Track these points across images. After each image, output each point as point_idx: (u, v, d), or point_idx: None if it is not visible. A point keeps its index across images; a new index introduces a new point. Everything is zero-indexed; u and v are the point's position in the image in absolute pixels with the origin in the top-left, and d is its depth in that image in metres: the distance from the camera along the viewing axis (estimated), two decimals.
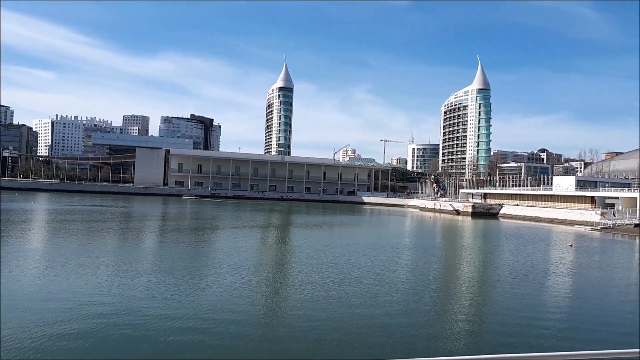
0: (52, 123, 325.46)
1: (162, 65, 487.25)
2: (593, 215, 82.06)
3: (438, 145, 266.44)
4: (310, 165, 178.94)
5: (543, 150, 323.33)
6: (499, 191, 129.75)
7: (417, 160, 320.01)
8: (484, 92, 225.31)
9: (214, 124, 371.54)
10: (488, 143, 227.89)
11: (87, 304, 19.48)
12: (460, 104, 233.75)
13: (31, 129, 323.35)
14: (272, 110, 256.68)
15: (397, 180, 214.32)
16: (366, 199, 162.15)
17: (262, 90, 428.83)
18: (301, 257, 35.80)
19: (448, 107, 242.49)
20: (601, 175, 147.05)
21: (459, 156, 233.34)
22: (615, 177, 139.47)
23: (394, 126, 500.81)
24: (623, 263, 42.04)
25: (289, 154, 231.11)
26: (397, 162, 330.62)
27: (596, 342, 17.28)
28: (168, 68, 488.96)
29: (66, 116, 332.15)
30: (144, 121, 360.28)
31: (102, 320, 17.38)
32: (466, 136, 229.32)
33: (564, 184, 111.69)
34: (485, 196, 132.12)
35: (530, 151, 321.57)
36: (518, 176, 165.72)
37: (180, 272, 27.37)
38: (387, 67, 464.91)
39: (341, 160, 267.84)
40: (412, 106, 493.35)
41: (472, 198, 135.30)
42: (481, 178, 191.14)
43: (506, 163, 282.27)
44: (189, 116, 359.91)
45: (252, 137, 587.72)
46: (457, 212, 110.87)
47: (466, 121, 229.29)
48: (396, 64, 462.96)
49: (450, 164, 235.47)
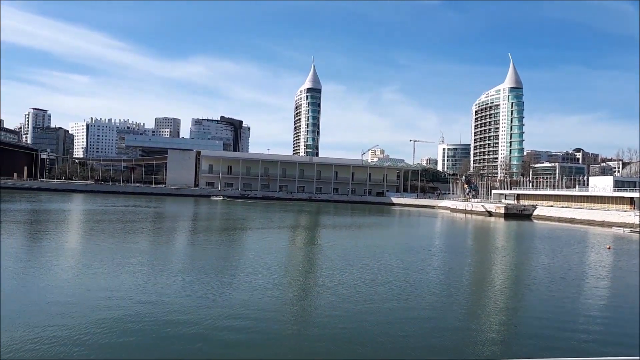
0: (87, 126, 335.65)
1: (193, 69, 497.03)
2: (632, 216, 79.42)
3: (469, 145, 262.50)
4: (338, 166, 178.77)
5: (578, 150, 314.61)
6: (532, 192, 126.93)
7: (447, 161, 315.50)
8: (516, 90, 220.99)
9: (243, 125, 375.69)
10: (521, 143, 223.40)
11: (124, 301, 19.97)
12: (491, 103, 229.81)
13: (67, 131, 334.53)
14: (300, 112, 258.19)
15: (427, 181, 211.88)
16: (395, 199, 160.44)
17: (290, 92, 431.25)
18: (331, 257, 35.78)
19: (479, 107, 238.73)
20: None
21: (490, 156, 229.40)
22: None
23: (423, 126, 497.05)
24: None
25: (317, 154, 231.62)
26: (427, 163, 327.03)
27: (635, 348, 16.68)
28: (199, 71, 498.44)
29: (100, 119, 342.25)
30: (175, 123, 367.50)
31: (139, 318, 17.79)
32: (498, 136, 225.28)
33: (600, 185, 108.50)
34: (518, 197, 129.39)
35: (565, 151, 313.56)
36: (552, 177, 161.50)
37: (212, 271, 27.78)
38: (417, 67, 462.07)
39: (370, 161, 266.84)
40: (442, 106, 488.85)
41: (505, 199, 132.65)
42: (514, 178, 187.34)
43: (540, 163, 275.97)
44: (219, 118, 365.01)
45: (280, 138, 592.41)
46: (489, 214, 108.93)
47: (498, 120, 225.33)
48: (426, 63, 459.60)
49: (481, 164, 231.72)
